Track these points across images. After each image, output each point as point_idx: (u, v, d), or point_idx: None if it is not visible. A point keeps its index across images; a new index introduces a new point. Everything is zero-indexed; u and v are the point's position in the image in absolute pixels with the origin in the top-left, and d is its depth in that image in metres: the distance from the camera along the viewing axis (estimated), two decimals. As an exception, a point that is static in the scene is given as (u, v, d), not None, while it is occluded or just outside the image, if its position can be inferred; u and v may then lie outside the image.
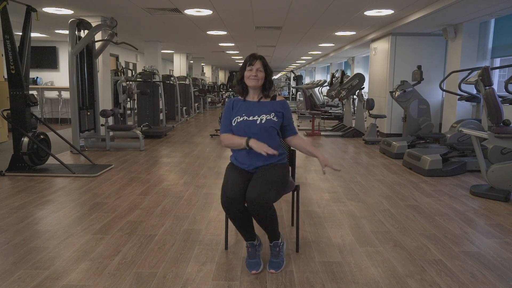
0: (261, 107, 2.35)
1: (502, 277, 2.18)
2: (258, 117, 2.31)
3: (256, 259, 2.23)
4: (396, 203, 3.52)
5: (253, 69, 2.31)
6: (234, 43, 10.40)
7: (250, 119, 2.31)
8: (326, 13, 6.12)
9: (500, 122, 3.59)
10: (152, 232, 2.79)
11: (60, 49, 10.10)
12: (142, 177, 4.40)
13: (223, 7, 5.80)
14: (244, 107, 2.36)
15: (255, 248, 2.26)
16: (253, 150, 2.21)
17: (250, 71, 2.32)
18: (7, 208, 3.26)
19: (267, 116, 2.32)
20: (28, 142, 4.45)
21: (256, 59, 2.33)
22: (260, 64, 2.32)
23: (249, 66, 2.32)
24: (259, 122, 2.29)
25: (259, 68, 2.32)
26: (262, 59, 2.35)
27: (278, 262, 2.25)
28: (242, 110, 2.35)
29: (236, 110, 2.37)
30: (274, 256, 2.27)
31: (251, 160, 2.28)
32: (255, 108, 2.35)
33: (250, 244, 2.26)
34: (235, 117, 2.33)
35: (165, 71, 15.89)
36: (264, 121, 2.30)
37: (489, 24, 6.14)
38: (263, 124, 2.29)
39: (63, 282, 2.07)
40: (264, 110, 2.34)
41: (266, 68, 2.35)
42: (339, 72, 9.75)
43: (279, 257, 2.27)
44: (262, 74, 2.33)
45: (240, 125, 2.30)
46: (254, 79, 2.31)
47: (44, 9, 5.99)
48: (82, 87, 5.94)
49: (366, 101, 7.22)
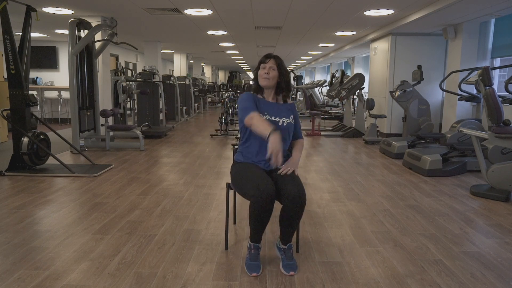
0: (282, 108, 2.34)
1: (502, 277, 2.18)
2: (280, 119, 2.30)
3: (257, 262, 2.21)
4: (396, 203, 3.52)
5: (266, 67, 2.29)
6: (234, 43, 10.40)
7: (273, 119, 2.29)
8: (326, 13, 6.13)
9: (500, 122, 3.59)
10: (152, 232, 2.79)
11: (60, 49, 10.10)
12: (142, 177, 4.40)
13: (223, 7, 5.80)
14: (265, 105, 2.33)
15: (258, 250, 2.24)
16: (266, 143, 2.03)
17: (263, 69, 2.30)
18: (7, 208, 3.26)
19: (287, 119, 2.32)
20: (28, 142, 4.45)
21: (269, 58, 2.30)
22: (273, 63, 2.29)
23: (263, 64, 2.31)
24: (281, 124, 2.29)
25: (272, 67, 2.28)
26: (277, 58, 2.32)
27: (294, 263, 2.22)
28: (264, 108, 2.31)
29: (258, 105, 2.31)
30: (289, 258, 2.22)
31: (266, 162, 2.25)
32: (276, 108, 2.33)
33: (255, 246, 2.22)
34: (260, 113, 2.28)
35: (165, 71, 15.89)
36: (285, 124, 2.30)
37: (489, 24, 6.14)
38: (285, 127, 2.29)
39: (63, 282, 2.07)
40: (285, 113, 2.33)
41: (280, 67, 2.30)
42: (339, 72, 9.75)
43: (293, 259, 2.24)
44: (274, 72, 2.28)
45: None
46: (266, 78, 2.28)
47: (44, 9, 5.99)
48: (82, 87, 5.94)
49: (366, 101, 7.22)
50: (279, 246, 2.30)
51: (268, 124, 2.06)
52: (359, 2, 5.35)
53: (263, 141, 2.14)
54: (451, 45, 6.59)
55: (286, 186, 2.09)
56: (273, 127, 2.02)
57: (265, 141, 2.02)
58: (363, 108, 7.90)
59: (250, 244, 2.23)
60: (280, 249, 2.28)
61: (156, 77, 8.65)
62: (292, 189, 2.06)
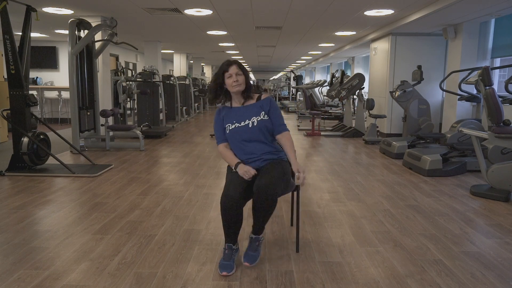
0: (249, 110, 2.38)
1: (502, 277, 2.18)
2: (249, 121, 2.34)
3: (230, 262, 2.23)
4: (396, 203, 3.52)
5: (232, 75, 2.31)
6: (234, 43, 10.40)
7: (242, 124, 2.34)
8: (326, 13, 6.12)
9: (500, 122, 3.59)
10: (152, 232, 2.79)
11: (60, 49, 10.09)
12: (142, 177, 4.40)
13: (223, 7, 5.80)
14: (232, 113, 2.40)
15: (232, 251, 2.26)
16: (248, 153, 2.33)
17: (229, 78, 2.32)
18: (7, 208, 3.26)
19: (257, 117, 2.35)
20: (28, 142, 4.45)
21: (231, 65, 2.33)
22: (237, 68, 2.33)
23: (227, 73, 2.32)
24: (252, 126, 2.33)
25: (237, 72, 2.32)
26: (236, 62, 2.36)
27: (255, 255, 2.30)
28: (232, 117, 2.38)
29: (226, 117, 2.40)
30: (252, 249, 2.31)
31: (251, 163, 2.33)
32: (243, 112, 2.38)
33: (228, 247, 2.26)
34: (227, 124, 2.38)
35: (165, 71, 15.89)
36: (256, 123, 2.33)
37: (489, 24, 6.14)
38: (256, 126, 2.33)
39: (63, 282, 2.07)
40: (253, 112, 2.36)
41: (243, 70, 2.36)
42: (339, 72, 9.75)
43: (257, 251, 2.32)
44: (241, 77, 2.33)
45: (234, 132, 2.35)
46: (237, 85, 2.32)
47: (44, 9, 5.99)
48: (82, 87, 5.94)
49: (366, 101, 7.22)
50: (250, 236, 2.35)
51: (232, 157, 2.34)
52: (359, 2, 5.35)
53: (249, 147, 2.34)
54: (451, 45, 6.59)
55: (258, 179, 2.16)
56: (237, 161, 2.29)
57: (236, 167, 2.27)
58: (363, 108, 7.90)
59: (225, 244, 2.28)
60: (250, 238, 2.34)
61: (156, 77, 8.65)
62: (262, 182, 2.12)
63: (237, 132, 2.34)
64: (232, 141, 2.38)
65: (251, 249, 2.31)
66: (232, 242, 2.27)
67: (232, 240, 2.26)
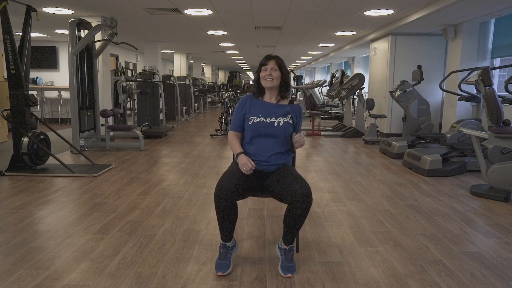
0: (279, 109, 2.34)
1: (502, 277, 2.18)
2: (276, 119, 2.30)
3: (225, 261, 2.20)
4: (396, 203, 3.52)
5: (268, 69, 2.30)
6: (234, 43, 10.40)
7: (267, 120, 2.30)
8: (326, 13, 6.13)
9: (500, 122, 3.59)
10: (152, 232, 2.79)
11: (60, 49, 10.09)
12: (142, 177, 4.40)
13: (223, 7, 5.80)
14: (260, 107, 2.35)
15: (227, 249, 2.24)
16: (258, 150, 2.30)
17: (264, 71, 2.32)
18: (7, 208, 3.26)
19: (284, 118, 2.31)
20: (28, 142, 4.45)
21: (270, 59, 2.32)
22: (274, 63, 2.31)
23: (263, 66, 2.32)
24: (277, 125, 2.29)
25: (273, 67, 2.30)
26: (277, 58, 2.34)
27: (293, 265, 2.21)
28: (258, 110, 2.34)
29: (252, 108, 2.35)
30: (288, 260, 2.22)
31: (263, 160, 2.30)
32: (273, 109, 2.34)
33: (223, 245, 2.24)
34: (252, 117, 2.32)
35: (165, 71, 15.89)
36: (282, 124, 2.30)
37: (489, 24, 6.14)
38: (281, 126, 2.29)
39: (63, 282, 2.07)
40: (282, 112, 2.33)
41: (281, 67, 2.33)
42: (339, 72, 9.75)
43: (293, 261, 2.24)
44: (277, 73, 2.31)
45: (257, 126, 2.29)
46: (269, 79, 2.30)
47: (44, 9, 5.99)
48: (82, 87, 5.94)
49: (366, 101, 7.22)
50: (280, 246, 2.29)
51: (237, 146, 2.34)
52: (359, 2, 5.35)
53: (264, 144, 2.31)
54: (451, 45, 6.59)
55: (290, 186, 2.10)
56: (239, 151, 2.28)
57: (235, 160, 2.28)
58: (363, 108, 7.90)
59: (220, 243, 2.26)
60: (281, 250, 2.27)
61: (156, 77, 8.65)
62: (296, 187, 2.06)
63: (261, 127, 2.28)
64: (250, 133, 2.32)
65: (288, 260, 2.21)
66: (227, 239, 2.23)
67: (227, 237, 2.22)
